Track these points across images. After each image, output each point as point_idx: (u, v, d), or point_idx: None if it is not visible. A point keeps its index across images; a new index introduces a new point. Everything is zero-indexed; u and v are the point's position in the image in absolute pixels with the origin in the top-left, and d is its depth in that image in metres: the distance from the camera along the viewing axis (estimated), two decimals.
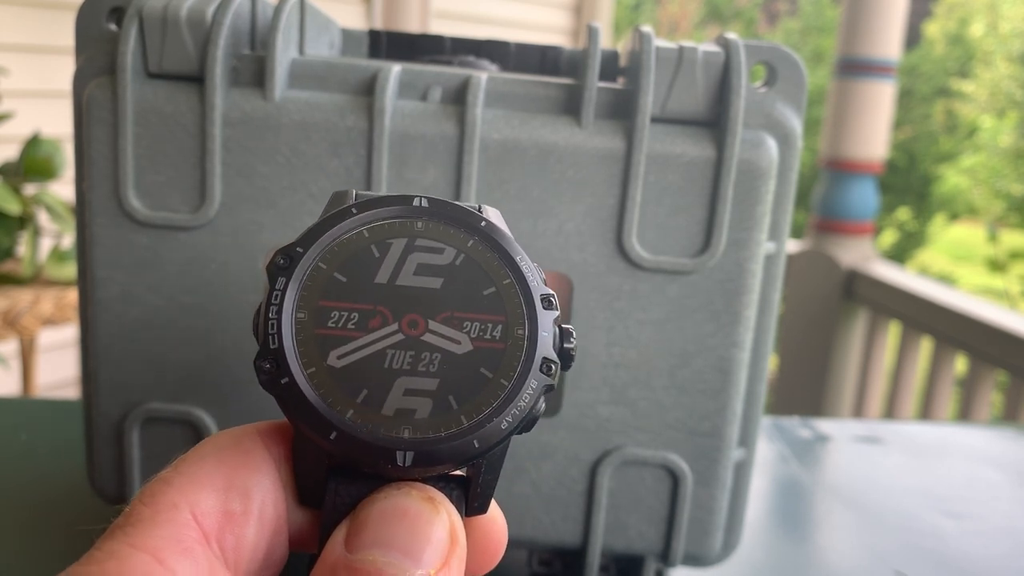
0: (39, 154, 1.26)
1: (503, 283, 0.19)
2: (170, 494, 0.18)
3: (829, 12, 6.73)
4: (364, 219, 0.20)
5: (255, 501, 0.18)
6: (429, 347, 0.19)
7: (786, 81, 0.34)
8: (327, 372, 0.18)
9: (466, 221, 0.20)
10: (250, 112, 0.33)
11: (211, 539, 0.17)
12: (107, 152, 0.33)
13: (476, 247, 0.20)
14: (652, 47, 0.33)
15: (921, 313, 1.72)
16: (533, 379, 0.19)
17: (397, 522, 0.18)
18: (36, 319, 1.22)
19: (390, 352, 0.18)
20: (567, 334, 0.20)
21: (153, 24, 0.32)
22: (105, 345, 0.34)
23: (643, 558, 0.37)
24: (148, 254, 0.33)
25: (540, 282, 0.20)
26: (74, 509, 0.43)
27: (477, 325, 0.19)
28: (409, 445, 0.18)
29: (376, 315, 0.19)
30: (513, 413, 0.18)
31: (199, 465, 0.18)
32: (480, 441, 0.18)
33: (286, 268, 0.19)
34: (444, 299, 0.19)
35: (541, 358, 0.19)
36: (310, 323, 0.19)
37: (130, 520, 0.17)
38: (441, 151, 0.33)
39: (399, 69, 0.34)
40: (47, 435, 0.51)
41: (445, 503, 0.18)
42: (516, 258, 0.20)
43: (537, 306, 0.19)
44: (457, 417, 0.18)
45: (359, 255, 0.19)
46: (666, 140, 0.33)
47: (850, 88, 1.89)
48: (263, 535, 0.18)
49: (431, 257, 0.20)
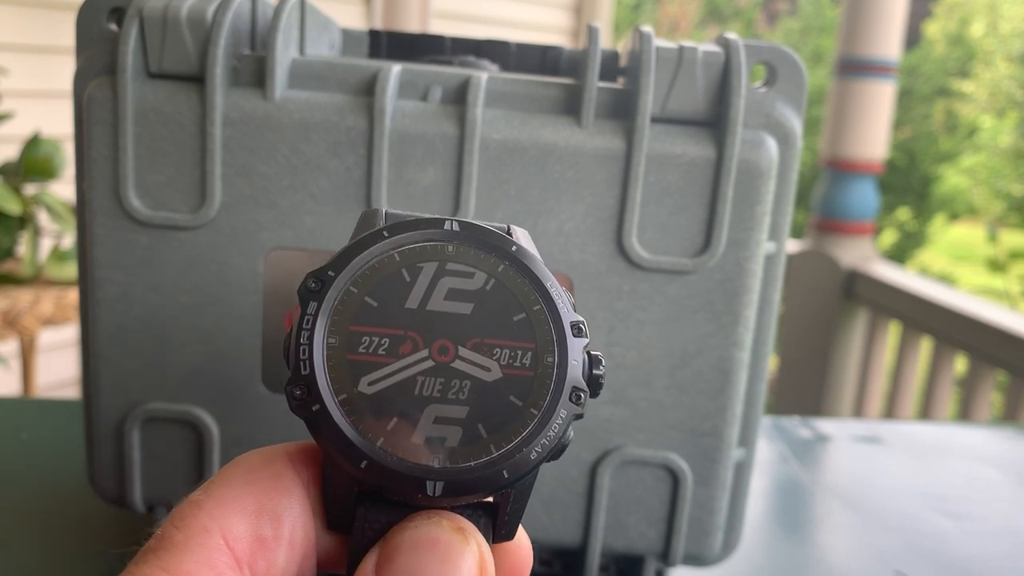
0: (39, 154, 1.26)
1: (533, 309, 0.19)
2: (201, 518, 0.18)
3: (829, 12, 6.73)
4: (395, 242, 0.20)
5: (286, 526, 0.18)
6: (459, 374, 0.19)
7: (786, 81, 0.34)
8: (358, 399, 0.18)
9: (497, 246, 0.20)
10: (250, 112, 0.33)
11: (243, 564, 0.18)
12: (107, 152, 0.33)
13: (507, 272, 0.20)
14: (652, 47, 0.33)
15: (921, 313, 1.72)
16: (563, 409, 0.19)
17: (428, 552, 0.18)
18: (36, 319, 1.22)
19: (420, 379, 0.18)
20: (596, 361, 0.20)
21: (153, 24, 0.32)
22: (105, 345, 0.34)
23: (643, 558, 0.37)
24: (148, 254, 0.33)
25: (570, 309, 0.20)
26: (74, 509, 0.43)
27: (507, 352, 0.19)
28: (439, 475, 0.18)
29: (407, 341, 0.19)
30: (543, 444, 0.18)
31: (229, 488, 0.18)
32: (510, 471, 0.18)
33: (318, 292, 0.19)
34: (474, 325, 0.19)
35: (571, 387, 0.19)
36: (341, 349, 0.18)
37: (163, 544, 0.17)
38: (441, 151, 0.33)
39: (399, 69, 0.34)
40: (47, 435, 0.51)
41: (475, 534, 0.18)
42: (546, 284, 0.20)
43: (567, 333, 0.19)
44: (487, 446, 0.18)
45: (390, 279, 0.19)
46: (666, 140, 0.33)
47: (850, 88, 1.89)
48: (293, 560, 0.19)
49: (462, 282, 0.19)
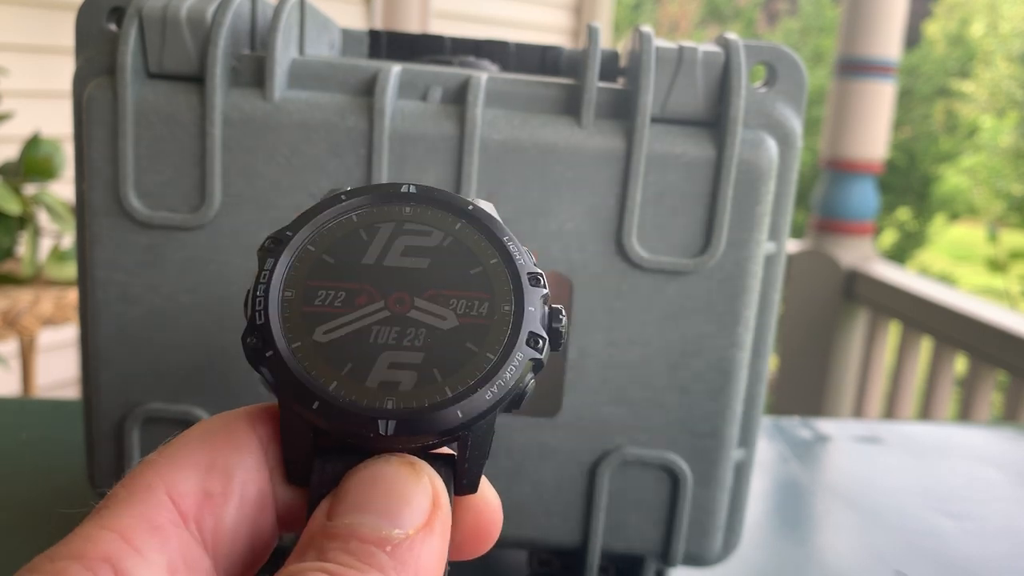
0: (39, 154, 1.26)
1: (490, 263, 0.20)
2: (148, 475, 0.18)
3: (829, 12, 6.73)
4: (353, 205, 0.20)
5: (236, 481, 0.18)
6: (415, 323, 0.19)
7: (786, 81, 0.34)
8: (312, 347, 0.18)
9: (454, 205, 0.20)
10: (250, 112, 0.33)
11: (188, 520, 0.17)
12: (107, 152, 0.33)
13: (464, 229, 0.20)
14: (652, 47, 0.33)
15: (921, 313, 1.72)
16: (519, 352, 0.19)
17: (374, 486, 0.18)
18: (36, 319, 1.22)
19: (376, 328, 0.19)
20: (556, 312, 0.20)
21: (153, 24, 0.32)
22: (105, 345, 0.34)
23: (643, 558, 0.37)
24: (148, 254, 0.33)
25: (528, 262, 0.20)
26: (73, 509, 0.43)
27: (463, 302, 0.19)
28: (391, 414, 0.18)
29: (363, 293, 0.19)
30: (499, 384, 0.18)
31: (182, 446, 0.18)
32: (464, 412, 0.18)
33: (274, 250, 0.19)
34: (431, 278, 0.19)
35: (528, 332, 0.19)
36: (297, 301, 0.19)
37: (108, 502, 0.17)
38: (441, 151, 0.33)
39: (399, 69, 0.34)
40: (47, 435, 0.51)
41: (427, 469, 0.18)
42: (503, 238, 0.20)
43: (524, 283, 0.19)
44: (441, 388, 0.18)
45: (347, 238, 0.20)
46: (666, 140, 0.33)
47: (850, 88, 1.89)
48: (245, 516, 0.18)
49: (419, 239, 0.20)
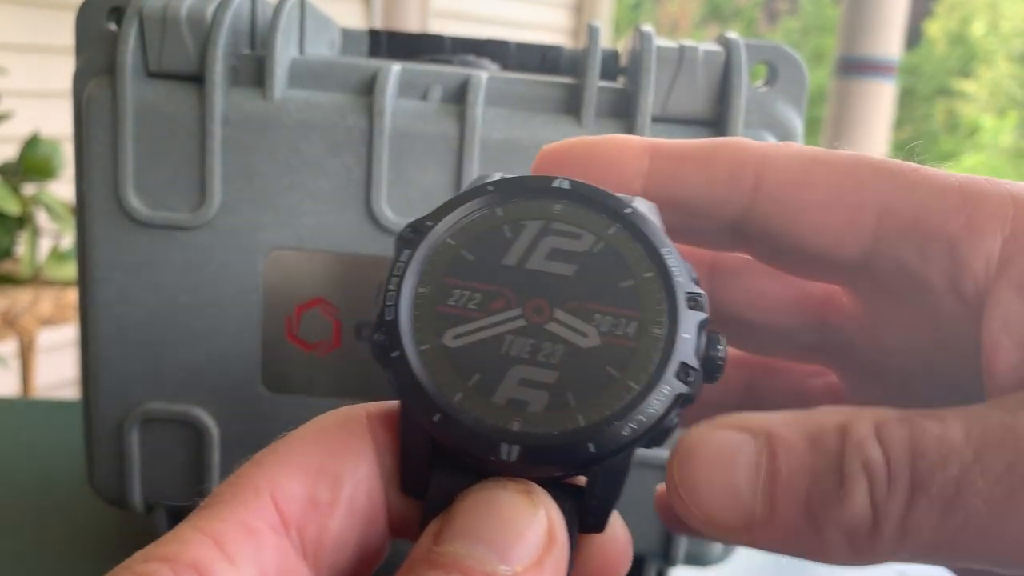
0: (38, 154, 1.26)
1: (644, 276, 0.18)
2: (254, 477, 0.17)
3: (829, 11, 6.73)
4: (499, 197, 0.19)
5: (345, 491, 0.17)
6: (552, 337, 0.17)
7: (787, 80, 0.34)
8: (441, 351, 0.17)
9: (609, 206, 0.18)
10: (250, 112, 0.32)
11: (290, 526, 0.16)
12: (107, 152, 0.33)
13: (618, 235, 0.18)
14: (652, 46, 0.33)
15: None
16: (666, 384, 0.17)
17: (486, 513, 0.16)
18: (35, 319, 1.22)
19: (509, 337, 0.17)
20: (715, 340, 0.18)
21: (153, 24, 0.32)
22: (105, 345, 0.34)
23: (644, 558, 0.37)
24: (148, 254, 0.33)
25: (688, 279, 0.18)
26: (74, 509, 0.43)
27: (609, 319, 0.17)
28: (516, 438, 0.16)
29: (500, 297, 0.17)
30: (639, 420, 0.16)
31: (294, 447, 0.17)
32: (597, 446, 0.16)
33: (412, 240, 0.18)
34: (575, 287, 0.18)
35: (679, 362, 0.17)
36: (431, 299, 0.17)
37: (211, 501, 0.17)
38: (441, 151, 0.33)
39: (399, 68, 0.34)
40: (47, 435, 0.51)
41: (545, 498, 0.17)
42: (662, 249, 0.18)
43: (680, 304, 0.17)
44: (573, 416, 0.16)
45: (490, 234, 0.18)
46: None
47: (851, 87, 1.90)
48: (352, 526, 0.17)
49: (566, 242, 0.18)
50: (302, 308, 0.34)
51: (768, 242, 0.20)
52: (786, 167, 0.20)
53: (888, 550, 0.16)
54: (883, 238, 0.19)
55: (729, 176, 0.20)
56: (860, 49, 1.86)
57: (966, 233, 0.18)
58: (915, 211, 0.18)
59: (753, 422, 0.17)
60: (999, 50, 6.36)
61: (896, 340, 0.20)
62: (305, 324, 0.34)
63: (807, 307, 0.23)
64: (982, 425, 0.16)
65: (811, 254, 0.20)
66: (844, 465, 0.16)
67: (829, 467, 0.16)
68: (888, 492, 0.16)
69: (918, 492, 0.16)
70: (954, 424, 0.16)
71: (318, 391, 0.34)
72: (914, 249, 0.19)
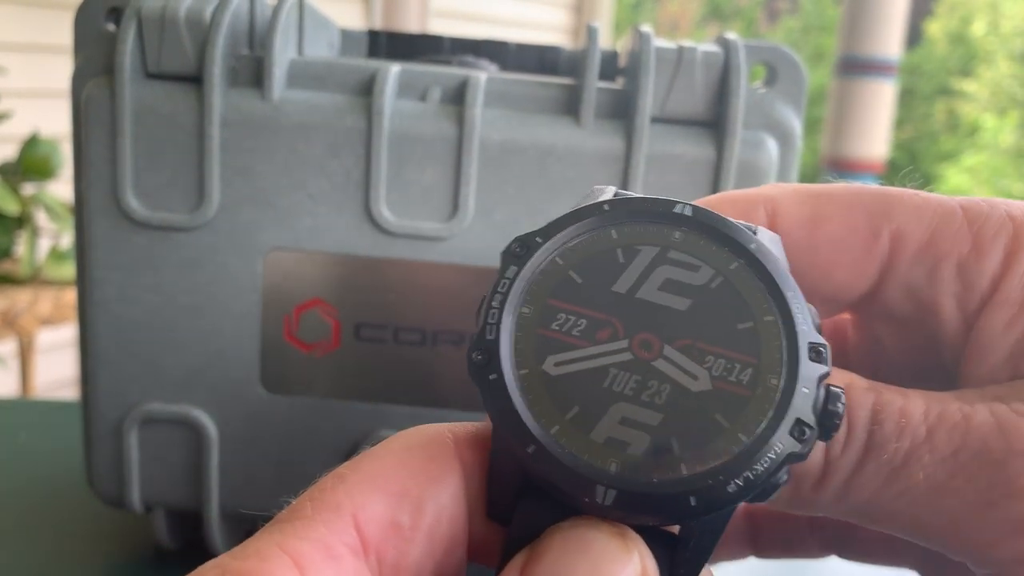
0: (37, 154, 1.26)
1: (764, 319, 0.16)
2: (338, 493, 0.16)
3: (830, 11, 6.73)
4: (615, 218, 0.17)
5: (428, 516, 0.16)
6: (659, 375, 0.16)
7: (786, 81, 0.34)
8: (540, 378, 0.16)
9: (733, 239, 0.17)
10: (248, 112, 0.32)
11: (370, 549, 0.16)
12: (105, 152, 0.33)
13: (740, 271, 0.17)
14: (652, 47, 0.33)
15: None
16: (779, 441, 0.15)
17: (577, 553, 0.15)
18: (34, 319, 1.22)
19: (614, 371, 0.16)
20: (834, 397, 0.16)
21: (151, 24, 0.32)
22: (104, 345, 0.34)
23: None
24: (146, 254, 0.33)
25: (812, 327, 0.17)
26: (72, 510, 0.43)
27: (723, 362, 0.16)
28: (614, 482, 0.15)
29: (607, 326, 0.16)
30: (746, 477, 0.15)
31: (378, 465, 0.17)
32: (699, 500, 0.15)
33: (520, 257, 0.17)
34: (688, 324, 0.16)
35: (794, 418, 0.16)
36: (534, 321, 0.17)
37: (290, 515, 0.16)
38: (440, 151, 0.33)
39: (398, 69, 0.34)
40: (46, 435, 0.51)
41: (639, 544, 0.16)
42: (787, 293, 0.17)
43: (802, 354, 0.16)
44: (677, 464, 0.15)
45: (601, 257, 0.17)
46: (666, 140, 0.33)
47: (851, 87, 1.90)
48: (431, 553, 0.17)
49: (683, 274, 0.17)
50: (301, 309, 0.34)
51: None
52: (797, 206, 0.20)
53: (827, 502, 0.17)
54: (895, 262, 0.19)
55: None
56: (860, 49, 1.86)
57: (974, 255, 0.18)
58: (925, 235, 0.19)
59: None
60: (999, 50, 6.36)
61: (896, 359, 0.21)
62: (304, 325, 0.34)
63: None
64: (940, 408, 0.17)
65: (830, 288, 0.20)
66: None
67: None
68: (842, 450, 0.17)
69: (869, 456, 0.17)
70: (916, 402, 0.17)
71: (317, 392, 0.34)
72: (925, 272, 0.19)
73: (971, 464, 0.16)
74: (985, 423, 0.17)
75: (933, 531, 0.17)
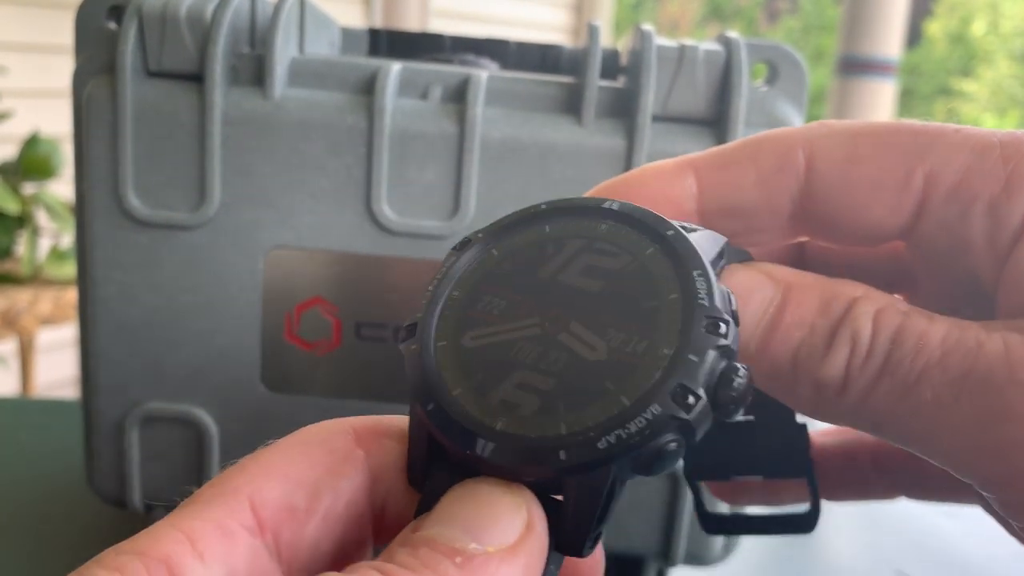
0: (38, 153, 1.26)
1: (668, 298, 0.17)
2: (237, 479, 0.17)
3: (830, 11, 6.73)
4: (549, 215, 0.19)
5: (323, 501, 0.18)
6: (560, 346, 0.17)
7: (787, 80, 0.34)
8: (456, 349, 0.18)
9: (654, 228, 0.18)
10: (250, 111, 0.32)
11: (266, 529, 0.17)
12: (106, 151, 0.33)
13: (654, 256, 0.18)
14: (653, 45, 0.33)
15: None
16: (658, 404, 0.16)
17: (466, 501, 0.16)
18: (35, 318, 1.22)
19: (521, 343, 0.17)
20: (731, 372, 0.16)
21: (152, 23, 0.32)
22: (104, 345, 0.34)
23: (644, 558, 0.36)
24: (147, 253, 0.33)
25: (715, 303, 0.17)
26: (73, 509, 0.43)
27: (622, 336, 0.17)
28: (494, 436, 0.16)
29: (523, 306, 0.18)
30: (618, 435, 0.15)
31: (277, 455, 0.18)
32: (568, 454, 0.16)
33: (459, 249, 0.19)
34: (597, 304, 0.17)
35: (678, 384, 0.16)
36: (461, 303, 0.18)
37: (190, 500, 0.17)
38: (441, 150, 0.33)
39: (399, 68, 0.34)
40: (46, 435, 0.51)
41: (527, 495, 0.16)
42: (695, 272, 0.17)
43: (696, 325, 0.16)
44: (557, 423, 0.16)
45: (532, 248, 0.19)
46: (667, 139, 0.33)
47: (851, 86, 1.90)
48: (329, 532, 0.18)
49: (603, 260, 0.18)
50: (302, 307, 0.34)
51: (825, 222, 0.21)
52: (834, 146, 0.21)
53: (845, 411, 0.19)
54: (928, 201, 0.20)
55: (778, 168, 0.21)
56: (860, 49, 1.86)
57: (1005, 193, 0.19)
58: (958, 174, 0.20)
59: (778, 273, 0.19)
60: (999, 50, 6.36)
61: (944, 288, 0.22)
62: (305, 323, 0.34)
63: (879, 252, 0.24)
64: (959, 335, 0.18)
65: (866, 227, 0.21)
66: (838, 331, 0.18)
67: (825, 328, 0.18)
68: (862, 365, 0.18)
69: (886, 372, 0.18)
70: (939, 326, 0.18)
71: (317, 390, 0.34)
72: (957, 211, 0.20)
73: (976, 388, 0.17)
74: (994, 351, 0.17)
75: (938, 449, 0.18)
